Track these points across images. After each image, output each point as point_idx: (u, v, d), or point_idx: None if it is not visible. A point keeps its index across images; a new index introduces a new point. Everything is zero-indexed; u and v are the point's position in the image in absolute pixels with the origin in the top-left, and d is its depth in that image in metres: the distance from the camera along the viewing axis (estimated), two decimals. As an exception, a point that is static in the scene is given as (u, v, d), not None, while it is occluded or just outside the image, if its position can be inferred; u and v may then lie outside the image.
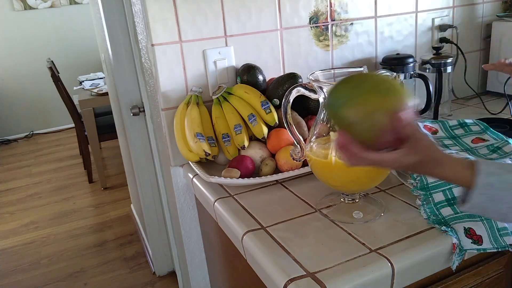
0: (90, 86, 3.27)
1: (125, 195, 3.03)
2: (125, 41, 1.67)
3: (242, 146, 0.99)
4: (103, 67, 2.49)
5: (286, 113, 0.80)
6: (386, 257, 0.65)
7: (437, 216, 0.74)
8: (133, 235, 2.52)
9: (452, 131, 1.04)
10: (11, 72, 4.62)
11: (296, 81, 1.03)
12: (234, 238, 0.82)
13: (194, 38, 1.05)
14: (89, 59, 4.75)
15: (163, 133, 1.12)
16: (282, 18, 1.15)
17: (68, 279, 2.17)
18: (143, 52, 1.19)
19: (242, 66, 1.09)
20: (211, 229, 1.08)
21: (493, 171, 0.53)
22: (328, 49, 1.25)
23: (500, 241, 0.69)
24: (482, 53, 1.55)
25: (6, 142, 4.66)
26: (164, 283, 2.07)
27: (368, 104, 0.57)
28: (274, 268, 0.66)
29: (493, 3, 1.52)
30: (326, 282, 0.61)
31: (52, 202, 3.09)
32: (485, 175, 0.53)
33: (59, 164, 3.85)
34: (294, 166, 0.96)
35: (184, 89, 1.08)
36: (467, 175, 0.54)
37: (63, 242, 2.53)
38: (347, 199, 0.82)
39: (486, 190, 0.53)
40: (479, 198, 0.54)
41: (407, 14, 1.35)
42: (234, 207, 0.87)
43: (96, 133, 3.09)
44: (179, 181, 1.15)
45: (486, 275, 0.79)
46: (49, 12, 4.63)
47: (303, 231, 0.76)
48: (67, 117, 4.61)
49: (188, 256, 1.23)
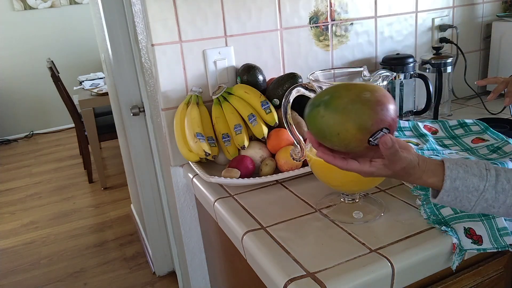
0: (90, 86, 3.27)
1: (125, 195, 3.03)
2: (125, 41, 1.67)
3: (242, 146, 0.99)
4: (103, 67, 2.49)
5: (286, 113, 0.80)
6: (386, 257, 0.66)
7: (437, 216, 0.74)
8: (133, 235, 2.52)
9: (452, 131, 1.04)
10: (11, 72, 4.62)
11: (296, 81, 1.03)
12: (234, 238, 0.82)
13: (194, 38, 1.05)
14: (89, 59, 4.76)
15: (163, 133, 1.12)
16: (282, 18, 1.15)
17: (68, 279, 2.17)
18: (143, 52, 1.19)
19: (242, 66, 1.09)
20: (211, 229, 1.08)
21: (458, 176, 0.62)
22: (328, 49, 1.25)
23: (500, 241, 0.69)
24: (482, 53, 1.55)
25: (6, 142, 4.66)
26: (164, 283, 2.07)
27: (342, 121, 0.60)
28: (274, 268, 0.66)
29: (493, 3, 1.52)
30: (326, 282, 0.61)
31: (52, 202, 3.09)
32: (451, 181, 0.61)
33: (59, 164, 3.85)
34: (294, 166, 0.96)
35: (184, 89, 1.08)
36: (436, 181, 0.63)
37: (63, 242, 2.53)
38: (347, 199, 0.82)
39: (452, 192, 0.62)
40: (446, 198, 0.63)
41: (407, 14, 1.35)
42: (234, 207, 0.87)
43: (96, 133, 3.09)
44: (179, 181, 1.15)
45: (486, 275, 0.79)
46: (49, 12, 4.63)
47: (303, 231, 0.76)
48: (67, 117, 4.61)
49: (188, 256, 1.23)
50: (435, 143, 0.97)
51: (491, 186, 0.61)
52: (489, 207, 0.62)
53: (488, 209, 0.62)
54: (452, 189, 0.61)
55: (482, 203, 0.62)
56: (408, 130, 1.04)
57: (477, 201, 0.61)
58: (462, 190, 0.61)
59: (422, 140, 0.99)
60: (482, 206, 0.62)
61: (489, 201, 0.61)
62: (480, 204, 0.62)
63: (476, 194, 0.61)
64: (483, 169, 0.62)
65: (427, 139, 0.98)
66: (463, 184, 0.61)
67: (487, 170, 0.62)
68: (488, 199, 0.61)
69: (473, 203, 0.62)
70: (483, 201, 0.61)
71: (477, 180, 0.61)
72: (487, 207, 0.62)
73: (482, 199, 0.61)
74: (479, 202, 0.62)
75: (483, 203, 0.62)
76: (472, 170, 0.62)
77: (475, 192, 0.61)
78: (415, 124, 1.05)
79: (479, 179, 0.61)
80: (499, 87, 1.07)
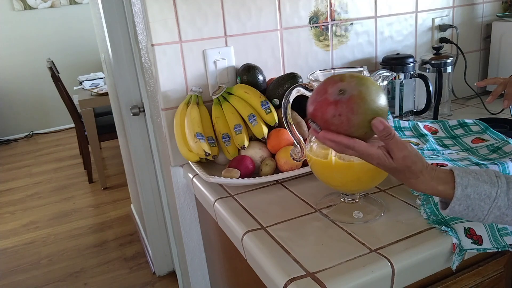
0: (90, 86, 3.27)
1: (125, 195, 3.03)
2: (125, 41, 1.67)
3: (242, 146, 0.99)
4: (103, 67, 2.49)
5: (286, 113, 0.80)
6: (386, 257, 0.65)
7: (437, 216, 0.74)
8: (133, 235, 2.52)
9: (452, 131, 1.04)
10: (11, 72, 4.62)
11: (296, 81, 1.03)
12: (234, 238, 0.82)
13: (194, 38, 1.05)
14: (89, 59, 4.76)
15: (163, 133, 1.12)
16: (282, 18, 1.15)
17: (68, 279, 2.17)
18: (143, 52, 1.19)
19: (242, 66, 1.09)
20: (211, 229, 1.08)
21: (469, 183, 0.60)
22: (328, 49, 1.25)
23: (500, 241, 0.69)
24: (482, 53, 1.55)
25: (6, 142, 4.66)
26: (164, 283, 2.07)
27: None
28: (274, 268, 0.66)
29: (493, 3, 1.52)
30: (326, 282, 0.61)
31: (52, 202, 3.09)
32: (462, 188, 0.60)
33: (59, 164, 3.85)
34: (294, 166, 0.96)
35: (184, 89, 1.08)
36: (446, 188, 0.61)
37: (63, 242, 2.53)
38: (347, 199, 0.82)
39: (464, 200, 0.60)
40: (458, 207, 0.61)
41: (407, 14, 1.35)
42: (234, 207, 0.87)
43: (96, 133, 3.09)
44: (179, 181, 1.15)
45: (486, 275, 0.79)
46: (49, 12, 4.63)
47: (303, 231, 0.76)
48: (67, 117, 4.61)
49: (188, 256, 1.23)
50: (435, 143, 0.97)
51: (503, 193, 0.59)
52: (502, 215, 0.60)
53: (501, 218, 0.60)
54: (464, 197, 0.59)
55: (495, 211, 0.60)
56: (408, 130, 1.04)
57: (490, 209, 0.60)
58: (474, 198, 0.59)
59: (422, 140, 0.99)
60: (495, 215, 0.60)
61: (502, 208, 0.59)
62: (493, 213, 0.60)
63: (488, 202, 0.59)
64: (493, 176, 0.61)
65: (427, 139, 0.98)
66: (475, 192, 0.59)
67: (497, 177, 0.60)
68: (501, 207, 0.59)
69: (486, 211, 0.60)
70: (496, 209, 0.59)
71: (488, 186, 0.59)
72: (501, 216, 0.60)
73: (495, 207, 0.59)
74: (492, 210, 0.60)
75: (496, 211, 0.60)
76: (482, 177, 0.60)
77: (488, 200, 0.59)
78: (415, 124, 1.05)
79: (491, 185, 0.59)
80: (498, 88, 1.07)
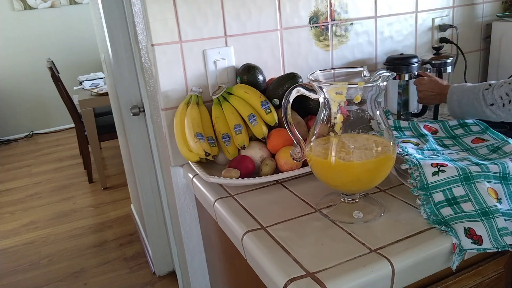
0: (90, 86, 3.28)
1: (125, 195, 3.03)
2: (125, 41, 1.67)
3: (242, 146, 0.99)
4: (103, 67, 2.49)
5: (286, 113, 0.80)
6: (386, 257, 0.66)
7: (437, 216, 0.74)
8: (133, 235, 2.52)
9: (452, 131, 1.04)
10: (11, 72, 4.62)
11: (296, 81, 1.03)
12: (234, 238, 0.82)
13: (194, 38, 1.05)
14: (89, 59, 4.76)
15: (163, 133, 1.12)
16: (282, 18, 1.15)
17: (68, 279, 2.17)
18: (143, 52, 1.19)
19: (242, 66, 1.09)
20: (211, 229, 1.08)
21: (457, 90, 1.06)
22: (328, 49, 1.25)
23: (500, 241, 0.69)
24: (482, 53, 1.55)
25: (6, 142, 4.67)
26: (164, 283, 2.07)
27: None
28: (274, 268, 0.66)
29: (493, 3, 1.52)
30: (326, 282, 0.61)
31: (52, 202, 3.09)
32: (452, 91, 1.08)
33: (59, 164, 3.85)
34: (294, 166, 0.96)
35: (184, 89, 1.08)
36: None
37: (63, 242, 2.53)
38: (347, 199, 0.82)
39: (453, 94, 1.06)
40: (452, 97, 1.06)
41: (407, 14, 1.35)
42: (234, 207, 0.87)
43: (96, 133, 3.09)
44: (179, 181, 1.15)
45: (486, 275, 0.79)
46: (49, 12, 4.63)
47: (303, 231, 0.76)
48: (67, 117, 4.61)
49: (188, 256, 1.23)
50: (435, 143, 0.97)
51: None
52: None
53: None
54: (454, 90, 1.06)
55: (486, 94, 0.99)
56: (408, 130, 1.04)
57: None
58: (460, 96, 1.05)
59: (422, 140, 0.99)
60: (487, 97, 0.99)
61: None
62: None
63: None
64: None
65: (427, 139, 0.98)
66: (460, 91, 1.06)
67: None
68: None
69: None
70: None
71: None
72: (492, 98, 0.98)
73: None
74: None
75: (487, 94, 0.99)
76: (468, 91, 1.05)
77: None
78: (415, 124, 1.05)
79: None
80: None
